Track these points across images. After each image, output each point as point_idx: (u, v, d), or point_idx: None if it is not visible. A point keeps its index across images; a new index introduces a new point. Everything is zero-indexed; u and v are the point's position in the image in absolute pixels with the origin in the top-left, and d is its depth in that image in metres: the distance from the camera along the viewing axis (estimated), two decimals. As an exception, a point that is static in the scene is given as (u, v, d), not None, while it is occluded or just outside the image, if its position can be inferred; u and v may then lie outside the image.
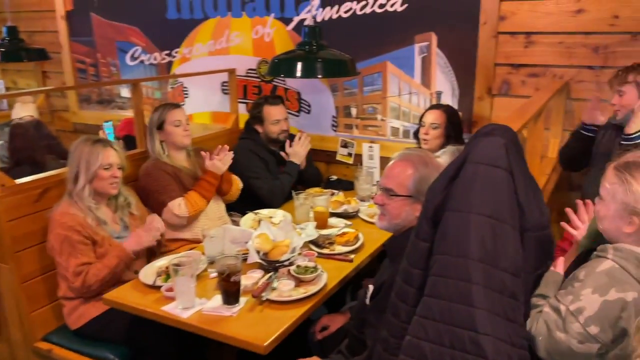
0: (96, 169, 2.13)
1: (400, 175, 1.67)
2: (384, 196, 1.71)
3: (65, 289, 2.16)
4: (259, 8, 3.25)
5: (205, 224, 2.55)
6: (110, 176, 2.16)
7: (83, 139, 2.22)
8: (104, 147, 2.17)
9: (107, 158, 2.16)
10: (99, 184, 2.16)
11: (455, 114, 2.67)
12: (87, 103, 4.20)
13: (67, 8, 4.00)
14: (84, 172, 2.13)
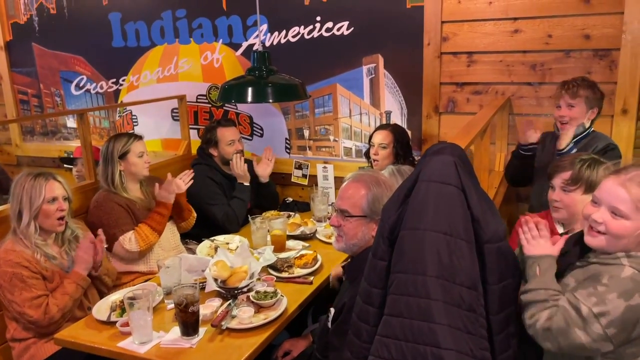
0: (40, 204, 2.05)
1: (354, 196, 1.70)
2: (339, 218, 1.73)
3: (15, 329, 2.06)
4: (207, 34, 3.26)
5: (160, 255, 2.49)
6: (56, 209, 2.08)
7: (24, 173, 2.13)
8: (46, 180, 2.08)
9: (51, 191, 2.08)
10: (45, 221, 2.07)
11: (402, 132, 2.74)
12: (30, 135, 4.05)
13: (7, 38, 3.87)
14: (28, 209, 2.04)
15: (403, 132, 2.75)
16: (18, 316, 2.01)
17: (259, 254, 2.33)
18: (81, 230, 2.25)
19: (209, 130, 2.91)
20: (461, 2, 2.68)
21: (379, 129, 2.74)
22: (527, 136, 2.46)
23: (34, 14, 3.74)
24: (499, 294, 1.32)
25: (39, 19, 3.73)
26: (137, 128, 3.63)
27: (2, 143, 4.15)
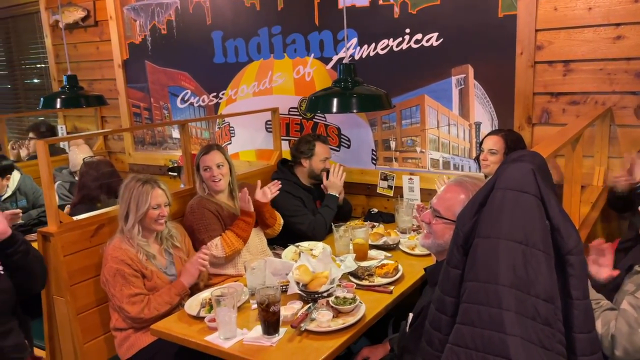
0: (146, 210, 2.25)
1: (451, 200, 1.69)
2: (431, 215, 1.73)
3: (117, 320, 2.26)
4: (299, 49, 3.39)
5: (247, 259, 2.61)
6: (158, 215, 2.27)
7: (133, 179, 2.34)
8: (152, 187, 2.29)
9: (156, 198, 2.28)
10: (148, 222, 2.28)
11: (516, 139, 2.57)
12: (141, 145, 4.44)
13: (124, 57, 4.29)
14: (134, 212, 2.25)
15: (517, 138, 2.58)
16: (118, 309, 2.22)
17: (341, 261, 2.37)
18: (176, 230, 2.44)
19: (307, 142, 3.01)
20: (558, 9, 2.58)
21: (490, 134, 2.63)
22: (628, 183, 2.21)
23: (147, 34, 4.11)
24: (584, 310, 1.25)
25: (152, 39, 4.09)
26: (233, 139, 3.85)
27: (117, 152, 4.57)
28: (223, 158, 2.67)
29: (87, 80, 4.54)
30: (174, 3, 3.90)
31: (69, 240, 2.27)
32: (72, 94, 3.30)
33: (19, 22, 5.13)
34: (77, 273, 2.30)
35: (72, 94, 3.30)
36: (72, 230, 2.30)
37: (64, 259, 2.25)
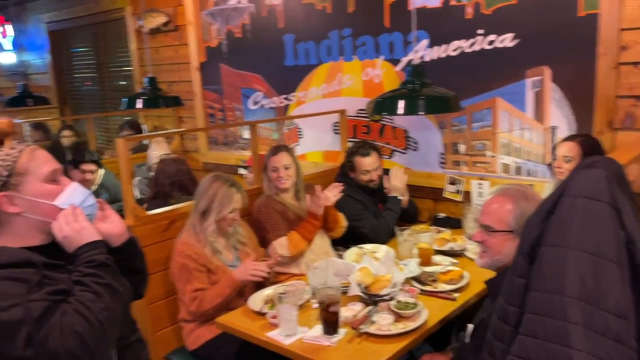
0: (226, 213, 2.31)
1: (499, 211, 1.64)
2: (483, 233, 1.68)
3: (184, 312, 2.36)
4: (369, 51, 3.39)
5: (311, 259, 2.64)
6: (232, 219, 2.35)
7: (218, 178, 2.39)
8: (237, 191, 2.34)
9: (238, 203, 2.34)
10: (222, 224, 2.35)
11: (594, 145, 2.39)
12: (215, 144, 4.60)
13: (201, 60, 4.47)
14: (215, 212, 2.30)
15: (594, 145, 2.40)
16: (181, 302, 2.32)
17: (404, 265, 2.35)
18: (241, 227, 2.51)
19: (349, 154, 3.02)
20: (646, 7, 2.41)
21: (566, 139, 2.47)
22: None
23: (223, 38, 4.25)
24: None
25: (227, 42, 4.23)
26: (301, 140, 3.91)
27: (192, 150, 4.77)
28: (290, 160, 2.72)
29: (167, 82, 4.76)
30: (248, 7, 4.02)
31: (143, 233, 2.39)
32: (152, 95, 3.48)
33: (108, 28, 5.47)
34: (150, 265, 2.36)
35: (152, 95, 3.48)
36: (147, 224, 2.43)
37: (139, 251, 2.37)
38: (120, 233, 1.37)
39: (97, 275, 1.19)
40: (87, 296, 1.16)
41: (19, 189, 1.22)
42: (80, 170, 3.55)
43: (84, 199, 1.29)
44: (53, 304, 1.14)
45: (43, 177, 1.25)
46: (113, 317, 1.18)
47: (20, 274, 1.15)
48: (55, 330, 1.10)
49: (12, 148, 1.23)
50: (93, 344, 1.12)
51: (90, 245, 1.23)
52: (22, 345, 1.09)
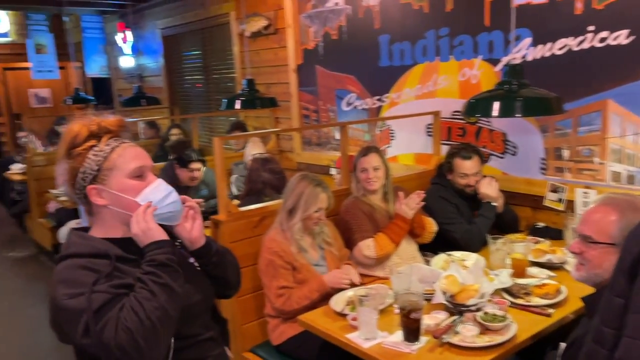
0: (312, 212, 2.36)
1: (602, 221, 1.50)
2: (581, 244, 1.55)
3: (269, 307, 2.42)
4: (467, 51, 3.26)
5: (397, 263, 2.60)
6: (317, 217, 2.38)
7: (305, 177, 2.44)
8: (323, 191, 2.38)
9: (323, 202, 2.38)
10: (308, 223, 2.39)
11: None
12: (308, 145, 4.68)
13: (298, 62, 4.57)
14: (301, 211, 2.36)
15: None
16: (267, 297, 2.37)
17: (495, 275, 2.23)
18: (328, 227, 2.52)
19: (450, 154, 2.92)
20: None
21: None
22: None
23: (320, 40, 4.32)
24: None
25: (324, 44, 4.29)
26: (393, 142, 3.86)
27: (287, 150, 4.89)
28: (380, 161, 2.69)
29: (266, 84, 4.92)
30: (345, 9, 4.04)
31: (235, 228, 2.49)
32: (250, 96, 3.62)
33: (214, 32, 5.77)
34: (240, 259, 2.47)
35: (249, 96, 3.61)
36: (239, 219, 2.52)
37: (230, 245, 2.45)
38: (194, 239, 1.38)
39: (156, 274, 1.22)
40: (143, 294, 1.19)
41: (105, 183, 1.29)
42: (188, 169, 3.76)
43: (164, 197, 1.31)
44: (115, 297, 1.19)
45: (128, 173, 1.30)
46: (166, 316, 1.20)
47: (95, 264, 1.23)
48: (110, 323, 1.15)
49: (107, 145, 1.31)
50: (142, 341, 1.15)
51: (154, 244, 1.26)
52: (81, 333, 1.16)
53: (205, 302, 1.43)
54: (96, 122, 1.32)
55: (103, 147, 1.30)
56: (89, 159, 1.29)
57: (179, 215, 1.36)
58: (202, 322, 1.41)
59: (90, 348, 1.17)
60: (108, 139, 1.32)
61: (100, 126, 1.32)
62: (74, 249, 1.27)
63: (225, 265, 1.47)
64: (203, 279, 1.43)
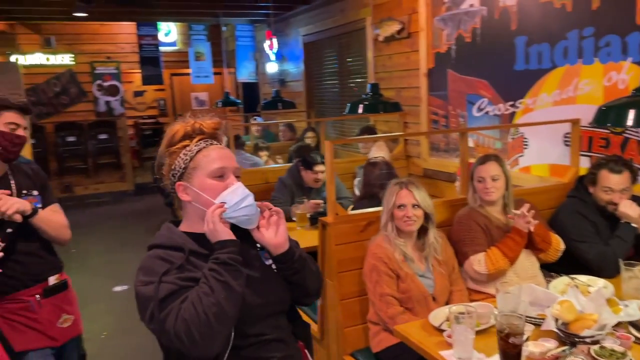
0: (391, 208, 2.34)
1: None
2: None
3: (372, 313, 2.40)
4: (614, 53, 2.92)
5: (512, 281, 2.41)
6: (403, 215, 2.31)
7: (394, 181, 2.46)
8: (400, 188, 2.37)
9: (401, 199, 2.34)
10: (397, 222, 2.35)
11: None
12: (436, 151, 4.55)
13: (429, 66, 4.46)
14: (385, 211, 2.38)
15: None
16: (372, 303, 2.35)
17: (624, 306, 1.96)
18: (440, 239, 2.43)
19: (595, 166, 2.61)
20: None
21: None
22: None
23: (452, 43, 4.17)
24: None
25: (456, 47, 4.14)
26: (526, 151, 3.58)
27: (414, 156, 4.81)
28: (500, 170, 2.52)
29: (396, 89, 4.89)
30: (480, 10, 3.85)
31: (341, 231, 2.52)
32: (373, 100, 3.62)
33: (350, 37, 5.88)
34: (345, 262, 2.53)
35: (373, 101, 3.62)
36: (345, 222, 2.54)
37: (335, 248, 2.51)
38: (278, 244, 1.40)
39: (217, 272, 1.28)
40: (204, 289, 1.26)
41: (190, 181, 1.38)
42: (312, 171, 3.88)
43: (239, 200, 1.35)
44: (180, 289, 1.27)
45: (209, 173, 1.37)
46: (223, 313, 1.24)
47: (170, 256, 1.33)
48: (172, 313, 1.24)
49: (196, 145, 1.40)
50: (197, 333, 1.22)
51: (219, 244, 1.32)
52: (148, 318, 1.27)
53: (276, 305, 1.45)
54: (192, 123, 1.42)
55: (192, 147, 1.40)
56: (179, 158, 1.39)
57: (254, 219, 1.40)
58: (271, 324, 1.43)
59: (155, 333, 1.28)
60: (198, 140, 1.41)
61: (194, 127, 1.41)
62: (158, 240, 1.39)
63: (306, 273, 1.46)
64: (279, 283, 1.45)
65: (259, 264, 1.44)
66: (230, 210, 1.35)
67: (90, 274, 5.34)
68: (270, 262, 1.46)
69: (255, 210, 1.38)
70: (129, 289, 4.88)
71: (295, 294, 1.49)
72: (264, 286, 1.41)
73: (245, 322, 1.35)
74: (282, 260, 1.42)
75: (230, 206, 1.35)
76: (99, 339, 3.96)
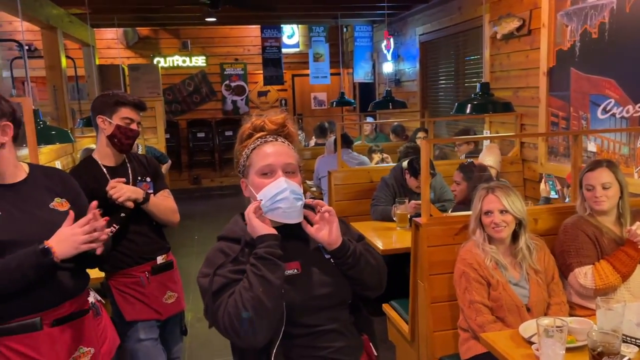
0: (478, 214, 2.25)
1: None
2: None
3: (462, 320, 2.33)
4: None
5: (625, 299, 2.19)
6: (491, 222, 2.20)
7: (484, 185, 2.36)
8: (486, 193, 2.26)
9: (488, 204, 2.23)
10: (487, 229, 2.25)
11: None
12: (554, 155, 4.24)
13: (550, 65, 4.17)
14: (473, 217, 2.29)
15: None
16: (461, 310, 2.27)
17: None
18: (536, 245, 2.28)
19: None
20: None
21: None
22: None
23: (577, 39, 3.86)
24: None
25: (580, 44, 3.82)
26: (657, 158, 3.22)
27: (530, 160, 4.52)
28: (612, 177, 2.30)
29: (513, 88, 4.65)
30: (609, 4, 3.53)
31: (434, 233, 2.47)
32: (482, 100, 3.47)
33: (467, 36, 5.69)
34: (436, 264, 2.47)
35: (482, 101, 3.47)
36: (439, 224, 2.48)
37: (427, 249, 2.46)
38: (330, 241, 1.43)
39: (256, 266, 1.32)
40: (244, 284, 1.32)
41: (247, 177, 1.46)
42: (417, 179, 3.79)
43: (275, 194, 1.38)
44: (230, 282, 1.34)
45: (257, 170, 1.42)
46: (261, 306, 1.29)
47: (229, 248, 1.41)
48: (222, 305, 1.32)
49: (254, 143, 1.46)
50: (239, 327, 1.29)
51: (259, 239, 1.36)
52: (204, 310, 1.37)
53: (333, 298, 1.47)
54: (254, 121, 1.48)
55: (250, 145, 1.46)
56: (242, 156, 1.47)
57: (293, 214, 1.41)
58: (328, 315, 1.45)
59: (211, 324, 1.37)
60: (257, 138, 1.46)
61: (256, 125, 1.47)
62: (224, 232, 1.48)
63: (361, 267, 1.47)
64: (337, 276, 1.47)
65: (318, 257, 1.48)
66: (266, 205, 1.39)
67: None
68: (329, 257, 1.48)
69: (292, 204, 1.39)
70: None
71: (355, 288, 1.50)
72: (321, 279, 1.45)
73: (301, 313, 1.40)
74: (336, 256, 1.45)
75: (266, 201, 1.39)
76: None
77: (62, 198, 1.72)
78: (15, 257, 1.52)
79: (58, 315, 1.65)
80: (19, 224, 1.59)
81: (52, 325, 1.64)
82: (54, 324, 1.64)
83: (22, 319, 1.58)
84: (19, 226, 1.59)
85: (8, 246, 1.54)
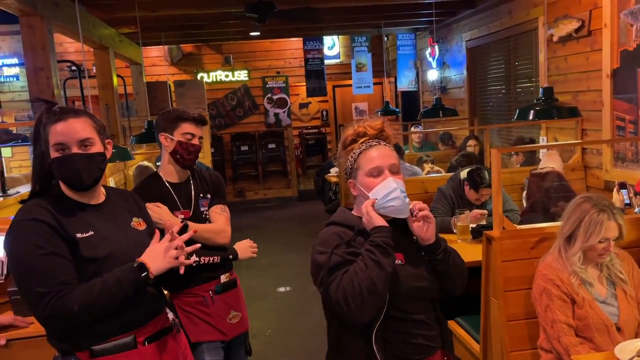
0: (594, 243, 2.01)
1: None
2: None
3: (543, 339, 2.18)
4: None
5: None
6: (603, 249, 2.02)
7: (588, 200, 2.09)
8: (609, 218, 2.00)
9: (610, 232, 2.00)
10: (591, 254, 2.06)
11: None
12: (622, 162, 4.02)
13: (614, 66, 3.97)
14: (581, 240, 2.04)
15: None
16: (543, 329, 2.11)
17: None
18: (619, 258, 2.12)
19: None
20: None
21: None
22: None
23: (644, 39, 3.67)
24: None
25: (649, 43, 3.63)
26: None
27: (593, 167, 4.31)
28: None
29: (572, 92, 4.45)
30: (681, -1, 3.33)
31: (508, 247, 2.33)
32: (545, 105, 3.32)
33: (519, 40, 5.51)
34: (511, 280, 2.33)
35: (545, 106, 3.31)
36: (513, 238, 2.34)
37: (501, 264, 2.32)
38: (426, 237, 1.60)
39: (372, 252, 1.50)
40: (360, 265, 1.50)
41: (356, 178, 1.63)
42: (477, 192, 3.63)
43: (387, 193, 1.55)
44: (345, 261, 1.52)
45: (366, 172, 1.60)
46: (373, 287, 1.46)
47: (343, 232, 1.60)
48: (336, 280, 1.50)
49: (359, 147, 1.62)
50: (351, 301, 1.46)
51: (374, 229, 1.54)
52: (319, 282, 1.55)
53: (426, 291, 1.63)
54: (357, 128, 1.65)
55: (356, 150, 1.63)
56: (348, 159, 1.64)
57: (403, 210, 1.57)
58: (421, 306, 1.63)
59: (322, 295, 1.55)
60: (362, 142, 1.62)
61: (358, 132, 1.64)
62: (336, 219, 1.66)
63: (449, 264, 1.64)
64: (432, 274, 1.64)
65: (417, 252, 1.64)
66: (379, 203, 1.56)
67: (257, 273, 5.72)
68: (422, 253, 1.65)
69: (402, 201, 1.56)
70: (291, 290, 5.13)
71: (441, 283, 1.66)
72: (420, 272, 1.62)
73: (401, 298, 1.56)
74: (429, 251, 1.62)
75: (379, 199, 1.56)
76: (264, 336, 4.20)
77: (139, 218, 1.76)
78: (112, 274, 1.54)
79: (148, 332, 1.65)
80: (112, 243, 1.62)
81: (144, 344, 1.63)
82: (146, 342, 1.64)
83: (115, 338, 1.58)
84: (112, 244, 1.61)
85: (104, 264, 1.56)
